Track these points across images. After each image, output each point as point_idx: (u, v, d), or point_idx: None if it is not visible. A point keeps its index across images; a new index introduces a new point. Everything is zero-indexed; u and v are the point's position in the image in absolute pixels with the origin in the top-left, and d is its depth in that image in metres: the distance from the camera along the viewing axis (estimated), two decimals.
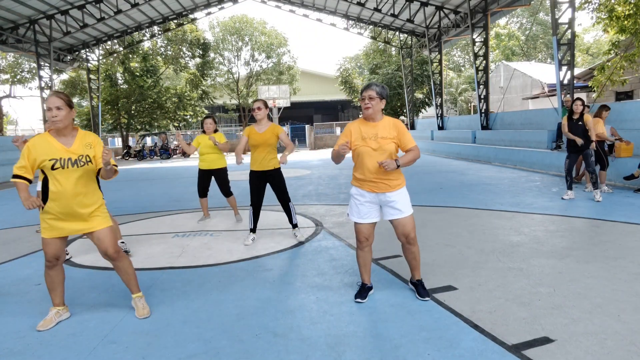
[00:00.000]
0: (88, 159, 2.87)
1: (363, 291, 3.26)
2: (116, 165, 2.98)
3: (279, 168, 4.87)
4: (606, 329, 2.65)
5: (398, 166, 2.97)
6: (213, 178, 6.08)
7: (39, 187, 2.93)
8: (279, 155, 4.83)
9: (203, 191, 6.11)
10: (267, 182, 4.85)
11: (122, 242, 4.72)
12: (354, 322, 2.89)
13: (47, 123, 5.41)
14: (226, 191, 6.10)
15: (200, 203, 6.26)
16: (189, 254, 4.64)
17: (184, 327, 2.89)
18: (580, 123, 6.59)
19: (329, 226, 5.71)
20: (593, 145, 6.57)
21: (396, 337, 2.67)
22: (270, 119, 5.00)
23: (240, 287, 3.59)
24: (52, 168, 2.79)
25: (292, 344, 2.62)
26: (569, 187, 6.95)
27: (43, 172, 2.86)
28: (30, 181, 2.85)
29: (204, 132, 6.00)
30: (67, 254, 4.60)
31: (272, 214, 6.63)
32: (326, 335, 2.72)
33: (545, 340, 2.54)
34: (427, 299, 3.19)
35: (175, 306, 3.23)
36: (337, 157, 3.14)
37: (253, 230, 4.97)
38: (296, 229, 5.08)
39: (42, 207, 2.84)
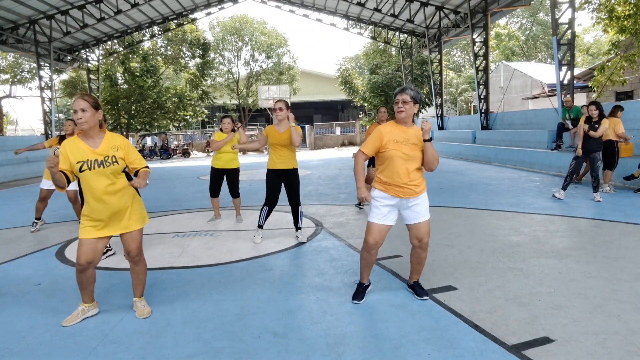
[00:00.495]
0: (114, 160, 2.87)
1: (361, 292, 3.26)
2: (147, 167, 3.02)
3: (297, 168, 4.90)
4: (606, 329, 2.65)
5: (431, 139, 3.02)
6: (225, 178, 6.09)
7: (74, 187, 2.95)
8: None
9: (215, 190, 6.11)
10: (284, 181, 4.88)
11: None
12: (354, 322, 2.89)
13: (76, 126, 5.49)
14: (235, 192, 6.12)
15: (212, 203, 6.24)
16: (189, 254, 4.64)
17: (184, 327, 2.90)
18: (596, 127, 6.49)
19: (329, 226, 5.71)
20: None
21: (396, 337, 2.67)
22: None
23: (240, 287, 3.59)
24: (80, 170, 2.82)
25: (292, 344, 2.63)
26: (564, 188, 6.96)
27: (77, 176, 2.89)
28: (68, 179, 2.86)
29: (221, 130, 6.01)
30: (111, 250, 4.62)
31: (272, 214, 6.63)
32: (326, 335, 2.72)
33: (545, 341, 2.54)
34: (425, 298, 3.19)
35: (176, 306, 3.23)
36: (357, 177, 3.13)
37: (261, 226, 5.02)
38: (299, 231, 5.09)
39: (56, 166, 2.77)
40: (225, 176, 6.06)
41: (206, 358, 2.51)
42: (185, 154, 26.33)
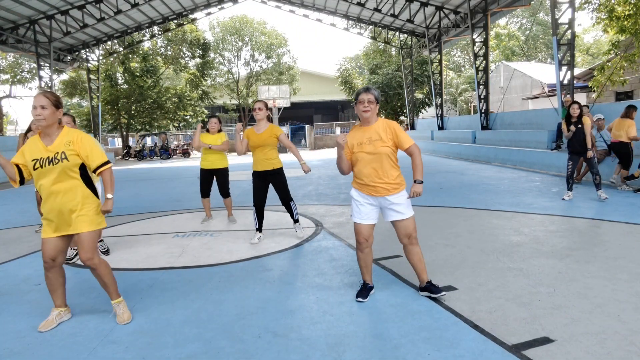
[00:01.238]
0: (64, 156, 2.77)
1: (364, 290, 3.26)
2: (107, 163, 2.90)
3: (281, 168, 4.91)
4: (606, 329, 2.65)
5: (421, 182, 3.07)
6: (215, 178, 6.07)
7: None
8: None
9: (205, 191, 6.11)
10: (269, 182, 4.88)
11: (101, 241, 4.70)
12: (354, 322, 2.89)
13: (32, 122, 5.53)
14: (225, 192, 6.10)
15: (203, 204, 6.24)
16: (189, 254, 4.64)
17: (184, 327, 2.89)
18: (580, 126, 6.51)
19: (329, 226, 5.71)
20: (590, 153, 6.47)
21: (396, 337, 2.67)
22: (270, 119, 5.03)
23: (240, 287, 3.59)
24: (34, 168, 2.80)
25: (292, 344, 2.63)
26: (569, 189, 6.92)
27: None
28: (22, 175, 2.84)
29: (207, 131, 6.00)
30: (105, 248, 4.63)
31: (272, 214, 6.63)
32: (326, 335, 2.72)
33: (545, 340, 2.54)
34: (443, 294, 3.17)
35: (175, 306, 3.23)
36: (341, 163, 3.19)
37: (259, 229, 5.02)
38: (297, 224, 5.10)
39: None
40: (214, 176, 6.04)
41: (206, 358, 2.51)
42: (185, 154, 26.33)
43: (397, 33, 24.21)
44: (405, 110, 26.35)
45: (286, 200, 4.99)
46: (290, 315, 3.02)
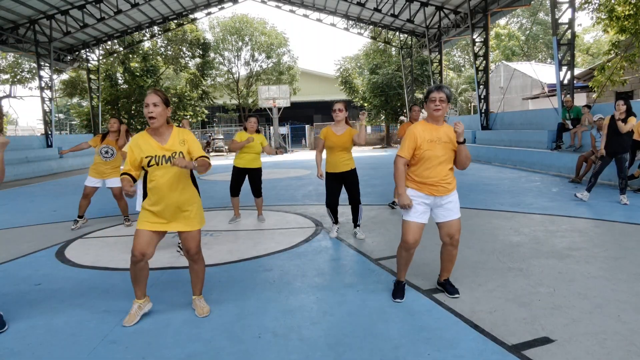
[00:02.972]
0: (182, 156, 2.85)
1: (400, 290, 3.26)
2: (207, 157, 2.95)
3: (355, 169, 4.94)
4: (606, 329, 2.65)
5: (464, 140, 3.06)
6: (247, 177, 6.05)
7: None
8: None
9: (236, 190, 6.05)
10: (343, 183, 4.93)
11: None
12: (354, 322, 2.89)
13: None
14: (258, 191, 6.07)
15: (232, 202, 6.13)
16: None
17: (184, 327, 2.89)
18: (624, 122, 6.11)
19: (329, 226, 5.70)
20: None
21: (396, 337, 2.67)
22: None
23: (240, 287, 3.59)
24: (148, 165, 2.84)
25: (292, 344, 2.63)
26: (588, 189, 6.65)
27: (144, 168, 2.91)
28: (134, 178, 2.89)
29: (245, 129, 5.96)
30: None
31: (272, 214, 6.63)
32: (326, 335, 2.72)
33: (546, 341, 2.54)
34: (457, 295, 3.19)
35: (175, 306, 3.23)
36: (397, 183, 3.12)
37: (336, 222, 5.17)
38: (358, 227, 5.15)
39: (136, 194, 2.86)
40: (247, 175, 6.02)
41: (206, 358, 2.51)
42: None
43: (397, 33, 24.20)
44: (405, 110, 26.34)
45: (356, 201, 5.01)
46: (290, 315, 3.02)
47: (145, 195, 2.94)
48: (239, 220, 6.19)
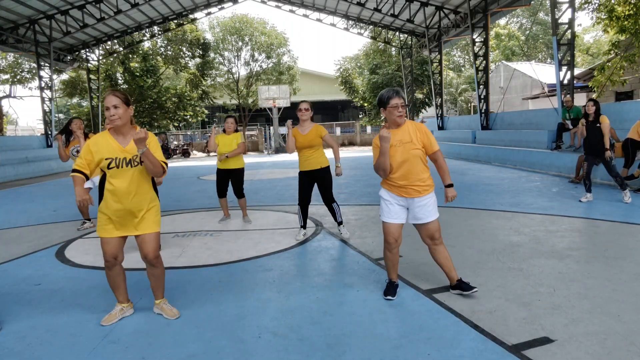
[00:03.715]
0: (142, 159, 2.81)
1: (392, 288, 3.27)
2: (165, 163, 2.89)
3: (327, 167, 4.92)
4: (606, 329, 2.65)
5: (452, 184, 3.13)
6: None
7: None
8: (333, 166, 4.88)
9: (222, 191, 6.09)
10: (315, 181, 4.93)
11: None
12: (353, 322, 2.89)
13: (106, 122, 5.63)
14: (239, 192, 6.09)
15: (220, 203, 6.21)
16: (189, 254, 4.64)
17: (184, 327, 2.89)
18: (597, 125, 6.24)
19: (329, 226, 5.71)
20: (608, 153, 6.20)
21: (396, 337, 2.67)
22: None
23: (240, 287, 3.59)
24: (108, 167, 2.81)
25: (292, 344, 2.63)
26: (588, 190, 6.66)
27: (102, 170, 2.88)
28: (87, 176, 2.85)
29: (224, 131, 5.99)
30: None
31: (272, 214, 6.64)
32: (326, 335, 2.72)
33: (545, 341, 2.54)
34: (475, 289, 3.18)
35: (175, 306, 3.22)
36: (385, 162, 3.05)
37: (304, 226, 5.09)
38: (341, 225, 5.12)
39: (91, 204, 2.88)
40: (229, 176, 6.04)
41: (206, 358, 2.51)
42: (185, 154, 26.32)
43: (397, 33, 24.20)
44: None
45: (329, 200, 5.00)
46: (290, 315, 3.02)
47: (101, 198, 2.90)
48: (229, 220, 6.22)
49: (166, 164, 2.92)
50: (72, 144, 5.93)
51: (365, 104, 29.71)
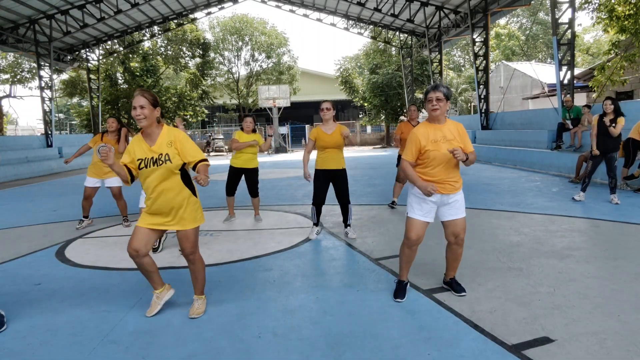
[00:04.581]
0: (167, 157, 2.86)
1: (402, 289, 3.26)
2: (205, 160, 2.95)
3: (345, 169, 4.95)
4: (606, 329, 2.65)
5: (467, 159, 3.01)
6: (243, 177, 6.06)
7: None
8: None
9: (232, 189, 6.06)
10: (332, 181, 4.93)
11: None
12: (354, 322, 2.89)
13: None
14: (254, 191, 6.09)
15: (227, 202, 6.16)
16: None
17: (184, 327, 2.90)
18: (614, 125, 6.14)
19: (329, 226, 5.71)
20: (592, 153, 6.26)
21: (396, 337, 2.67)
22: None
23: (240, 287, 3.59)
24: (139, 168, 2.89)
25: (292, 344, 2.63)
26: (583, 189, 6.69)
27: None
28: (132, 174, 2.91)
29: (242, 129, 5.99)
30: (159, 248, 4.72)
31: (272, 214, 6.64)
32: (326, 335, 2.72)
33: (546, 340, 2.54)
34: (464, 294, 3.21)
35: (176, 306, 3.22)
36: (411, 181, 3.12)
37: (317, 224, 5.13)
38: (349, 227, 5.14)
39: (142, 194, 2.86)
40: (243, 175, 6.03)
41: (206, 358, 2.51)
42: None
43: (397, 33, 24.19)
44: (405, 110, 26.33)
45: (344, 202, 5.01)
46: (290, 315, 3.02)
47: (193, 190, 3.01)
48: (234, 220, 6.21)
49: (206, 159, 2.95)
50: (106, 140, 5.89)
51: (366, 104, 29.68)
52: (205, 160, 2.96)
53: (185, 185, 2.99)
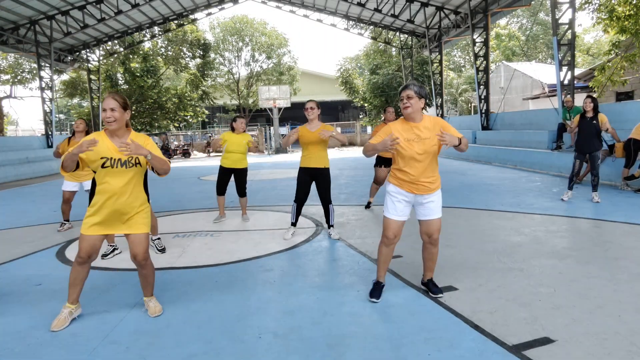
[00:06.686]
0: (137, 161, 2.90)
1: (377, 289, 3.25)
2: (169, 159, 2.97)
3: (328, 169, 4.96)
4: (607, 329, 2.65)
5: (459, 144, 2.95)
6: (232, 177, 6.11)
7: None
8: (325, 133, 4.76)
9: (222, 189, 6.12)
10: (314, 180, 4.94)
11: (158, 239, 4.78)
12: (354, 323, 2.89)
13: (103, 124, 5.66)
14: (242, 191, 6.16)
15: (218, 201, 6.22)
16: (189, 254, 4.63)
17: (185, 328, 2.89)
18: (594, 122, 6.35)
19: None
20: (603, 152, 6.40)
21: (396, 337, 2.67)
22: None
23: (240, 288, 3.59)
24: (102, 166, 2.85)
25: (293, 345, 2.62)
26: (570, 188, 6.85)
27: (94, 171, 2.91)
28: (78, 165, 2.87)
29: (232, 130, 6.04)
30: (117, 249, 4.66)
31: (272, 214, 6.64)
32: (326, 335, 2.72)
33: (546, 341, 2.54)
34: (440, 295, 3.21)
35: (176, 306, 3.22)
36: (373, 151, 3.12)
37: (294, 224, 5.14)
38: (332, 228, 5.15)
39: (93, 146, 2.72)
40: (233, 175, 6.08)
41: (207, 358, 2.51)
42: (186, 154, 26.31)
43: (398, 33, 24.20)
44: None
45: (326, 201, 5.02)
46: (291, 316, 3.02)
47: (91, 197, 2.94)
48: (224, 220, 6.24)
49: (168, 160, 3.00)
50: (72, 144, 5.91)
51: (366, 104, 29.71)
52: (168, 160, 3.00)
53: (143, 191, 3.04)
